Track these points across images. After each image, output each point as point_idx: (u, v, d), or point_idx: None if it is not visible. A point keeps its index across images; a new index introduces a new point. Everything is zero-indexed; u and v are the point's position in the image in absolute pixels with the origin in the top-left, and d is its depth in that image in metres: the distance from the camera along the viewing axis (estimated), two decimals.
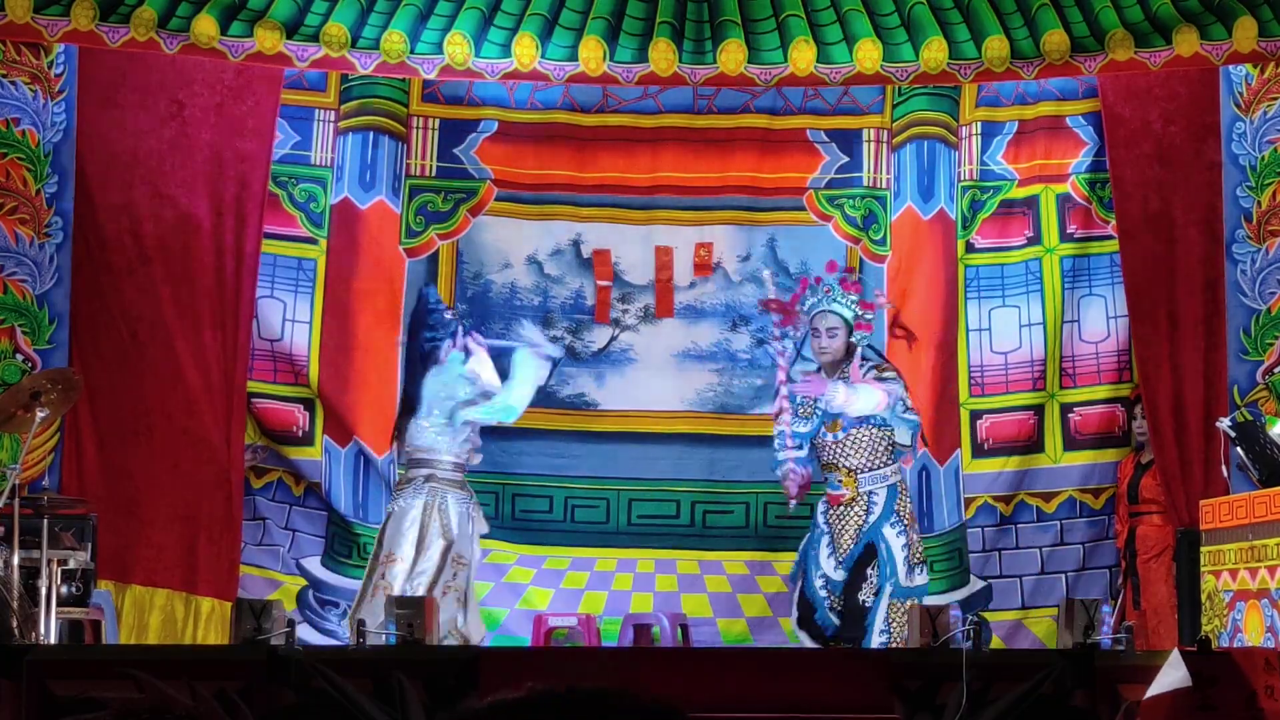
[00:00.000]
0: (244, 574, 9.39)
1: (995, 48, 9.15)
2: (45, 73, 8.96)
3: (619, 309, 10.02)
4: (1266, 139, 9.12)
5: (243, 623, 6.47)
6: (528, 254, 10.00)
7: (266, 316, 9.65)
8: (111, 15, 8.88)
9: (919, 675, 6.40)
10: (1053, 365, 9.87)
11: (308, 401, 9.71)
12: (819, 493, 8.42)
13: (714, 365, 10.02)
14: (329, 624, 9.55)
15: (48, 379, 7.76)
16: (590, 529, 9.90)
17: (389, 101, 9.84)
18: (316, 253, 9.78)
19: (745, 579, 9.80)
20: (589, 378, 10.02)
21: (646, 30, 9.23)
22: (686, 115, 10.00)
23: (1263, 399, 8.97)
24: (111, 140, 9.04)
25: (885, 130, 9.99)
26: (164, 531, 8.94)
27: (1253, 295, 9.09)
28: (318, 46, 9.08)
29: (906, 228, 9.92)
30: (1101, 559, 9.71)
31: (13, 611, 7.04)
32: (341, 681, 6.21)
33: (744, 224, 10.04)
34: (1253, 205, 9.12)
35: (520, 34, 9.15)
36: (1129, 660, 6.59)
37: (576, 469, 9.92)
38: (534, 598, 9.60)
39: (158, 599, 8.90)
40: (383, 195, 9.85)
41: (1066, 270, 9.90)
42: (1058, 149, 9.92)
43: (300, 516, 9.70)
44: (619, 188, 10.01)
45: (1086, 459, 9.84)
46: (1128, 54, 9.08)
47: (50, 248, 8.93)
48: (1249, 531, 7.53)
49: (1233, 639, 7.46)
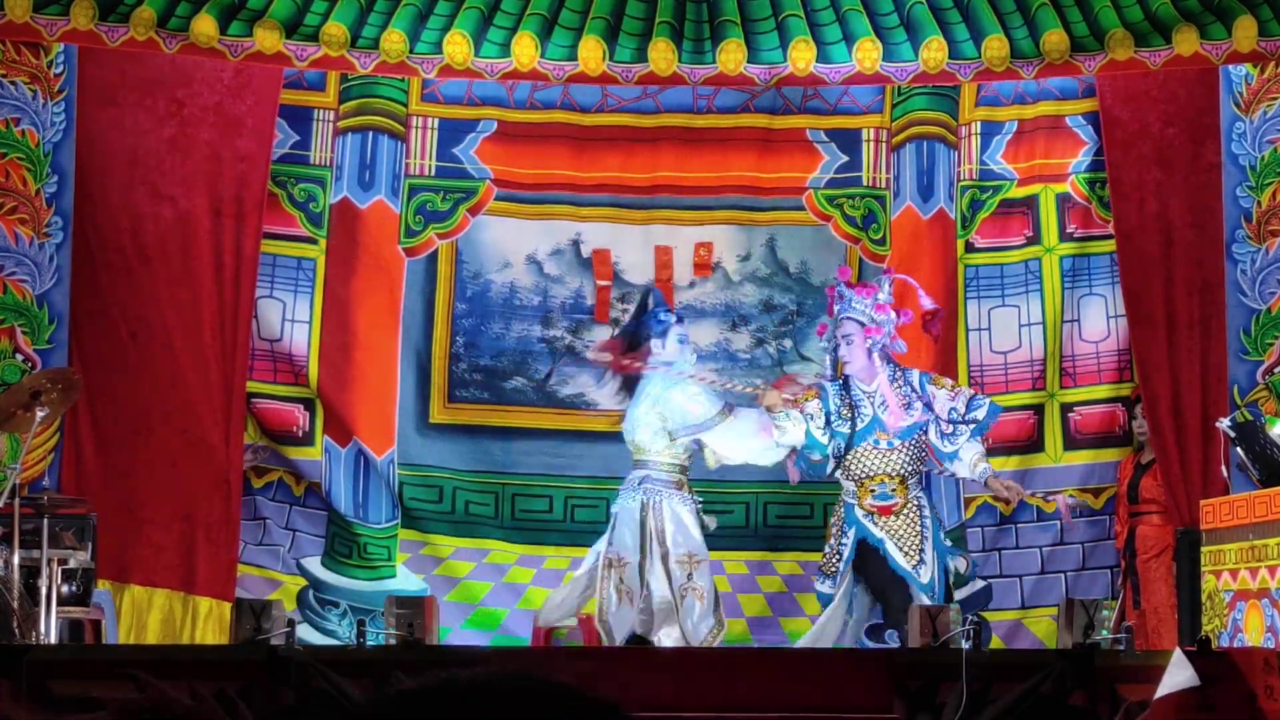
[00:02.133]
0: (244, 573, 9.39)
1: (995, 47, 9.15)
2: (45, 73, 8.95)
3: (619, 309, 10.01)
4: (1266, 139, 9.12)
5: (243, 623, 6.47)
6: (527, 254, 10.00)
7: (266, 316, 9.65)
8: (111, 15, 8.87)
9: (919, 675, 6.40)
10: (1053, 365, 9.87)
11: (308, 401, 9.70)
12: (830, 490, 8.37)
13: (714, 365, 10.02)
14: (329, 624, 9.55)
15: (48, 379, 7.76)
16: (590, 529, 9.88)
17: (388, 101, 9.84)
18: (316, 252, 9.78)
19: (745, 579, 9.80)
20: (589, 377, 10.01)
21: (646, 30, 9.23)
22: (686, 115, 10.00)
23: (1263, 399, 8.97)
24: (111, 140, 9.04)
25: (885, 130, 9.99)
26: (162, 531, 8.94)
27: (1253, 295, 9.09)
28: (317, 46, 9.08)
29: (906, 227, 9.92)
30: (1101, 559, 9.71)
31: (13, 611, 7.04)
32: (341, 681, 6.21)
33: (744, 224, 10.04)
34: (1253, 205, 9.12)
35: (519, 33, 9.15)
36: (1129, 660, 6.59)
37: (576, 469, 9.91)
38: (534, 598, 9.59)
39: (156, 599, 8.90)
40: (382, 195, 9.85)
41: (1066, 270, 9.90)
42: (1057, 148, 9.92)
43: (301, 516, 9.70)
44: (619, 187, 10.00)
45: (1087, 459, 9.83)
46: (1127, 53, 9.08)
47: (50, 248, 8.93)
48: (1249, 531, 7.53)
49: (1233, 639, 7.45)
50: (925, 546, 8.06)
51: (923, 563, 8.04)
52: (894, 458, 8.16)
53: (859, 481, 8.16)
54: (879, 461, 8.17)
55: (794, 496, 9.84)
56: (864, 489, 8.18)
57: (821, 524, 9.54)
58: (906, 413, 8.19)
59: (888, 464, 8.16)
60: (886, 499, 8.14)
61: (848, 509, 8.22)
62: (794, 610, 9.61)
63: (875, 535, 8.12)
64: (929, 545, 8.08)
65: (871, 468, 8.18)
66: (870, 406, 8.19)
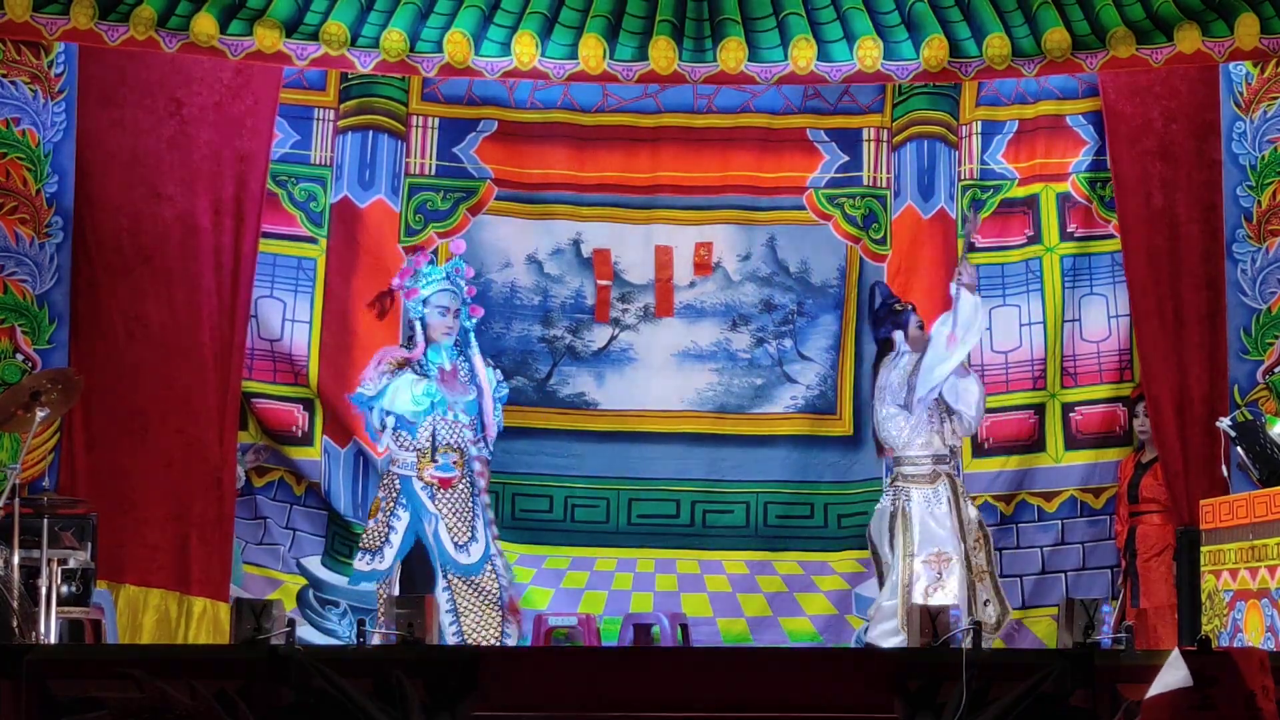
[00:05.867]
0: (245, 572, 9.40)
1: (996, 45, 9.14)
2: (45, 72, 8.95)
3: (619, 308, 10.02)
4: (1266, 138, 9.11)
5: (243, 622, 6.47)
6: (528, 253, 10.01)
7: (266, 316, 9.65)
8: (111, 14, 8.87)
9: (919, 675, 6.40)
10: (1053, 364, 9.87)
11: (307, 401, 9.70)
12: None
13: (714, 365, 10.02)
14: (329, 623, 9.56)
15: (48, 379, 7.76)
16: (590, 529, 9.91)
17: (388, 100, 9.84)
18: (316, 252, 9.78)
19: (745, 579, 9.80)
20: (589, 377, 10.02)
21: (646, 28, 9.22)
22: (686, 114, 10.00)
23: (1263, 399, 8.96)
24: (111, 140, 9.03)
25: (885, 129, 9.99)
26: (158, 531, 8.93)
27: (1253, 295, 9.08)
28: (317, 45, 9.08)
29: (906, 227, 9.92)
30: (1102, 559, 9.71)
31: (13, 611, 7.04)
32: (341, 681, 6.21)
33: (744, 223, 10.04)
34: (1253, 205, 9.11)
35: (520, 32, 9.15)
36: (1129, 660, 6.59)
37: (576, 469, 9.92)
38: (534, 597, 9.59)
39: (151, 599, 8.89)
40: (382, 194, 9.85)
41: (1067, 269, 9.90)
42: (1058, 148, 9.92)
43: (301, 516, 9.70)
44: (619, 187, 10.01)
45: (1087, 458, 9.83)
46: (1129, 51, 9.08)
47: (50, 248, 8.92)
48: (1249, 531, 7.53)
49: (1233, 639, 7.45)
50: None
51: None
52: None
53: None
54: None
55: (794, 496, 9.85)
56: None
57: (822, 524, 9.58)
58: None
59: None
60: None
61: None
62: (794, 610, 9.61)
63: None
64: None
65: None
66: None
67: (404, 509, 8.39)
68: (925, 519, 8.28)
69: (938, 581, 8.16)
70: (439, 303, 8.53)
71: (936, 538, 8.26)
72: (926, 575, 8.21)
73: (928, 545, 8.27)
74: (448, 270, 8.58)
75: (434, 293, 8.51)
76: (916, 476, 8.40)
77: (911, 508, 8.29)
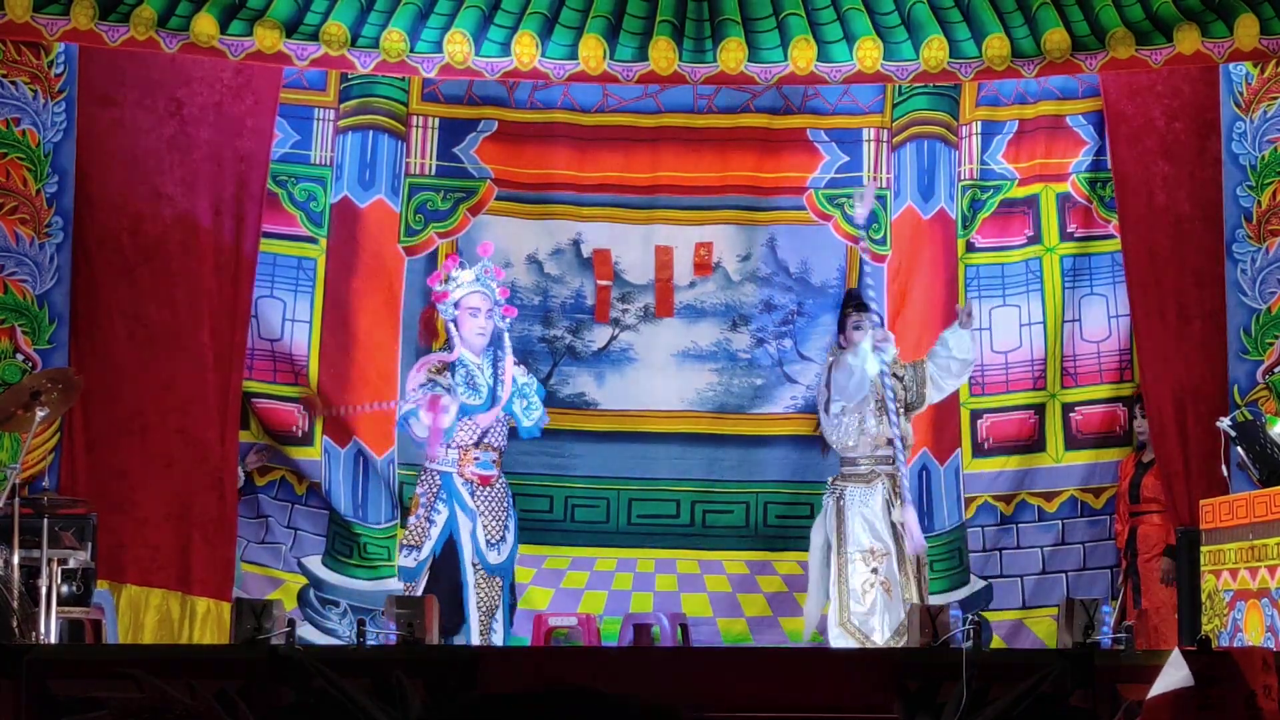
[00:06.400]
0: (245, 572, 9.40)
1: (996, 46, 9.15)
2: (45, 72, 8.95)
3: (619, 309, 10.02)
4: (1266, 138, 9.12)
5: (243, 622, 6.47)
6: (528, 253, 10.01)
7: (266, 316, 9.65)
8: (111, 14, 8.87)
9: (919, 675, 6.40)
10: (1053, 364, 9.88)
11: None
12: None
13: (714, 365, 10.02)
14: (329, 623, 9.56)
15: (48, 379, 7.76)
16: (590, 529, 9.91)
17: (389, 100, 9.84)
18: (316, 252, 9.78)
19: (745, 579, 9.80)
20: (589, 377, 10.02)
21: (646, 29, 9.22)
22: (686, 115, 10.00)
23: (1263, 399, 8.96)
24: (111, 140, 9.03)
25: (885, 130, 9.99)
26: (159, 531, 8.93)
27: (1253, 295, 9.08)
28: (317, 45, 9.08)
29: (907, 227, 9.92)
30: (1102, 559, 9.71)
31: (13, 611, 7.04)
32: (341, 681, 6.21)
33: (744, 224, 10.04)
34: (1253, 205, 9.11)
35: (520, 32, 9.15)
36: (1129, 660, 6.58)
37: (576, 469, 9.92)
38: (534, 597, 9.59)
39: (153, 599, 8.89)
40: (382, 194, 9.85)
41: (1067, 269, 9.90)
42: (1058, 148, 9.93)
43: (302, 515, 9.71)
44: (619, 187, 10.01)
45: (1088, 458, 9.84)
46: (1129, 52, 9.08)
47: (50, 248, 8.92)
48: (1249, 531, 7.53)
49: (1233, 639, 7.45)
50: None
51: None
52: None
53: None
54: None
55: (794, 496, 9.85)
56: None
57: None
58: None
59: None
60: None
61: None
62: (794, 610, 9.60)
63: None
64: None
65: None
66: None
67: (444, 504, 8.33)
68: (858, 515, 8.27)
69: (872, 576, 8.17)
70: (470, 304, 8.47)
71: (870, 533, 8.26)
72: (860, 572, 8.20)
73: (858, 542, 8.25)
74: (477, 272, 8.52)
75: (464, 295, 8.45)
76: (854, 476, 8.38)
77: (846, 504, 8.29)
